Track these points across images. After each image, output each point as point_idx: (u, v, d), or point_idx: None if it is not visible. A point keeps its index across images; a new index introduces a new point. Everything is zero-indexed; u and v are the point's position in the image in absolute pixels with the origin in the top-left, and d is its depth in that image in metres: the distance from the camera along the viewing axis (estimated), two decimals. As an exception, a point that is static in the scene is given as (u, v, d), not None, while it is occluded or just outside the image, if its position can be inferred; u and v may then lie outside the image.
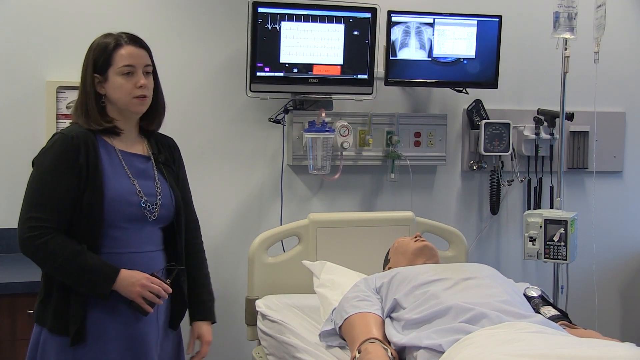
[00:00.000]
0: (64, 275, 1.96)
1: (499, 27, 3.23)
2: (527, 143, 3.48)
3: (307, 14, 3.03)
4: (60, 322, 1.97)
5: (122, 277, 1.96)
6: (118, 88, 2.02)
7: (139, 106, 2.06)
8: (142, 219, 2.04)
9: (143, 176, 2.08)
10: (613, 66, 3.56)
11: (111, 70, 2.02)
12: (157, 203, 2.07)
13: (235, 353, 3.19)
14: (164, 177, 2.12)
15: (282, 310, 2.57)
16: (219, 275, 3.16)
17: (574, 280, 3.37)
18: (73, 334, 1.95)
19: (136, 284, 1.96)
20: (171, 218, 2.12)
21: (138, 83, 2.03)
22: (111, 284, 1.95)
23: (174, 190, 2.14)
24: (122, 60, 2.02)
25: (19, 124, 2.92)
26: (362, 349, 1.96)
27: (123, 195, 2.00)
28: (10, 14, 2.92)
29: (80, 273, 1.94)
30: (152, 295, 1.98)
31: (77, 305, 1.96)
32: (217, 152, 3.17)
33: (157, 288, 1.98)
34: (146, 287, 1.96)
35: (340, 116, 3.20)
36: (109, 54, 2.02)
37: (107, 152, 2.04)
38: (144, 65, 2.06)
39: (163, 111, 2.18)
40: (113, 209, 1.98)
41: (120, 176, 2.03)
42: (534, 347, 1.71)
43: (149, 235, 2.07)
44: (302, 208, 3.27)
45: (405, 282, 2.18)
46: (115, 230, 2.00)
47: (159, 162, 2.14)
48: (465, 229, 3.29)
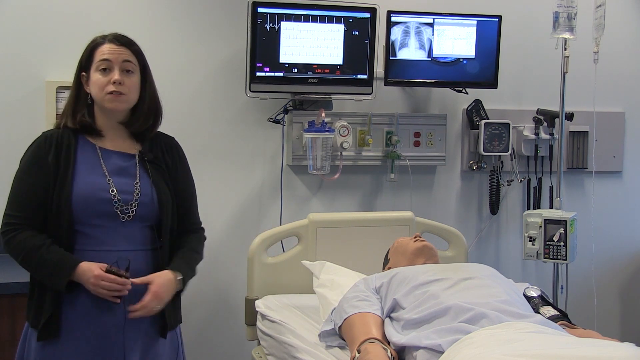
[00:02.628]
0: (29, 268, 2.02)
1: (499, 27, 3.23)
2: (526, 143, 3.49)
3: (307, 14, 3.03)
4: (37, 317, 2.01)
5: (79, 271, 1.96)
6: (94, 83, 2.06)
7: (112, 102, 2.05)
8: (115, 217, 2.02)
9: (121, 174, 2.07)
10: (613, 66, 3.56)
11: (92, 67, 2.06)
12: (134, 202, 2.05)
13: (235, 353, 3.19)
14: (148, 176, 2.10)
15: (282, 310, 2.57)
16: (219, 275, 3.18)
17: (573, 280, 3.37)
18: (40, 328, 1.98)
19: (87, 281, 1.96)
20: (155, 217, 2.09)
21: (112, 79, 2.04)
22: (67, 276, 1.95)
23: (159, 188, 2.10)
24: (99, 56, 2.06)
25: (18, 124, 2.92)
26: (362, 349, 1.96)
27: (94, 192, 2.01)
28: (10, 14, 2.92)
29: (39, 266, 1.98)
30: (104, 292, 1.95)
31: (50, 301, 1.98)
32: (216, 152, 3.17)
33: (109, 285, 1.95)
34: (96, 285, 1.94)
35: (340, 116, 3.20)
36: (91, 51, 2.08)
37: (86, 150, 2.06)
38: (122, 61, 2.06)
39: (152, 113, 2.15)
40: (82, 206, 1.99)
41: (94, 173, 2.03)
42: (533, 347, 1.71)
43: (126, 235, 2.04)
44: (301, 208, 3.27)
45: (405, 282, 2.18)
46: (87, 228, 2.01)
47: (145, 160, 2.12)
48: (464, 229, 3.29)
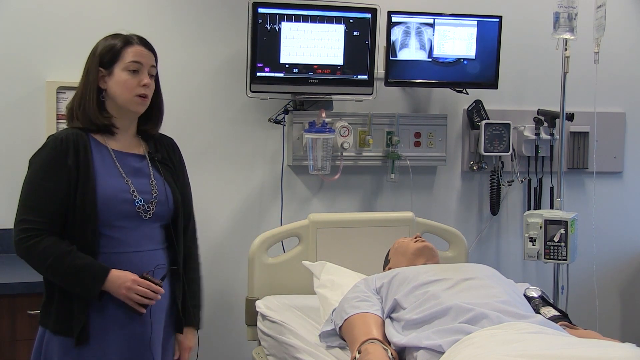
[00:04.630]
0: (55, 276, 1.97)
1: (499, 28, 3.23)
2: (527, 143, 3.48)
3: (307, 14, 3.03)
4: (62, 323, 1.97)
5: (111, 278, 1.95)
6: (122, 83, 2.03)
7: (138, 105, 2.06)
8: (137, 217, 2.03)
9: (137, 174, 2.07)
10: (613, 66, 3.56)
11: (117, 65, 2.03)
12: (153, 201, 2.06)
13: (235, 353, 3.19)
14: (160, 175, 2.11)
15: (282, 310, 2.57)
16: (219, 275, 3.17)
17: (574, 280, 3.37)
18: (77, 334, 1.95)
19: (122, 286, 1.95)
20: (169, 216, 2.11)
21: (142, 82, 2.04)
22: (100, 284, 1.94)
23: (172, 187, 2.13)
24: (130, 57, 2.03)
25: (19, 124, 2.92)
26: (362, 350, 1.96)
27: (116, 194, 2.00)
28: (10, 14, 2.92)
29: (69, 274, 1.94)
30: (139, 297, 1.96)
31: (80, 307, 1.96)
32: (217, 152, 3.17)
33: (144, 290, 1.96)
34: (131, 289, 1.95)
35: (341, 116, 3.20)
36: (118, 49, 2.04)
37: (100, 151, 2.04)
38: (150, 66, 2.07)
39: (162, 116, 2.19)
40: (106, 208, 1.97)
41: (112, 175, 2.02)
42: (534, 347, 1.71)
43: (147, 234, 2.06)
44: (302, 208, 3.27)
45: (406, 282, 2.18)
46: (111, 230, 2.00)
47: (155, 160, 2.13)
48: (465, 230, 3.29)
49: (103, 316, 1.99)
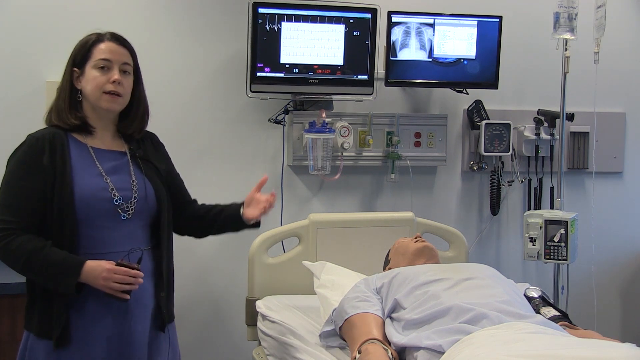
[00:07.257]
0: (31, 273, 1.95)
1: (499, 28, 3.24)
2: (527, 143, 3.48)
3: (307, 14, 3.03)
4: (45, 326, 1.96)
5: (87, 269, 1.91)
6: (91, 81, 2.01)
7: (109, 103, 2.03)
8: (117, 216, 2.00)
9: (117, 172, 2.05)
10: (613, 66, 3.56)
11: (88, 63, 2.02)
12: (133, 199, 2.03)
13: (235, 353, 3.19)
14: (141, 172, 2.09)
15: (283, 310, 2.57)
16: (220, 275, 3.18)
17: (574, 280, 3.37)
18: (56, 337, 1.94)
19: (99, 276, 1.91)
20: (151, 214, 2.09)
21: (111, 78, 2.01)
22: (76, 277, 1.91)
23: (154, 184, 2.10)
24: (99, 54, 2.02)
25: (19, 124, 2.89)
26: (363, 350, 1.96)
27: (94, 192, 1.98)
28: (10, 14, 2.92)
29: (44, 269, 1.91)
30: (118, 285, 1.92)
31: (60, 309, 1.94)
32: (217, 152, 3.17)
33: (121, 277, 1.92)
34: (109, 279, 1.91)
35: (341, 117, 3.20)
36: (88, 47, 2.03)
37: (79, 150, 2.02)
38: (122, 62, 2.05)
39: (143, 116, 2.15)
40: (84, 206, 1.95)
41: (91, 174, 2.00)
42: (534, 347, 1.71)
43: (128, 234, 2.03)
44: (302, 208, 3.27)
45: (406, 282, 2.18)
46: (90, 230, 1.97)
47: (136, 157, 2.11)
48: (465, 230, 3.29)
49: (84, 316, 1.97)
